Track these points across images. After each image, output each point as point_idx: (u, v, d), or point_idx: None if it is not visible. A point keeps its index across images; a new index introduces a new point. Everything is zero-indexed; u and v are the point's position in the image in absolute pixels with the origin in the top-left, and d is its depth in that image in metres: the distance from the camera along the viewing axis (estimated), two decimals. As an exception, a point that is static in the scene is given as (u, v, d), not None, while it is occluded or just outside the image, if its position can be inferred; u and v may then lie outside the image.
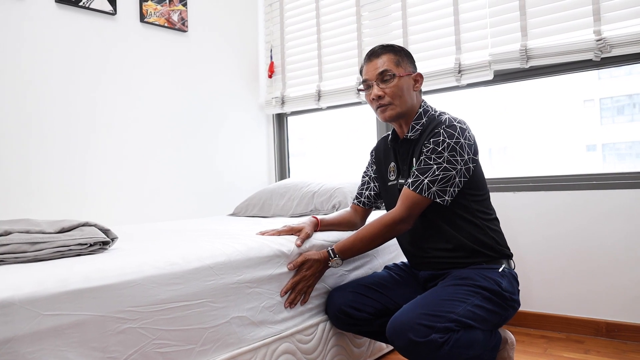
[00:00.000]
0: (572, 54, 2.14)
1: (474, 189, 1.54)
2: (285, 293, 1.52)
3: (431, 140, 1.50)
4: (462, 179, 1.50)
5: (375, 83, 1.57)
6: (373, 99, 1.58)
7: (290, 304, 1.53)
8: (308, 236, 1.64)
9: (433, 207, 1.53)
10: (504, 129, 2.86)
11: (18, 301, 0.94)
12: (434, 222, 1.55)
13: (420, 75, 1.62)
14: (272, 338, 1.47)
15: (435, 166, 1.47)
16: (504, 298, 1.44)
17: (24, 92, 2.18)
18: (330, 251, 1.56)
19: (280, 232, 1.64)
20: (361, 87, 1.64)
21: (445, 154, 1.46)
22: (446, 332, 1.29)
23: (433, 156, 1.48)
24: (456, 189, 1.49)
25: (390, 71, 1.55)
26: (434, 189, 1.46)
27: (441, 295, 1.39)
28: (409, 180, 1.51)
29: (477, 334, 1.36)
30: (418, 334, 1.27)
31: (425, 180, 1.47)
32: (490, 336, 1.43)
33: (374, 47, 1.62)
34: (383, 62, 1.56)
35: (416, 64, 2.56)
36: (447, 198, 1.48)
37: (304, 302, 1.57)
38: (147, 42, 2.66)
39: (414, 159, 1.56)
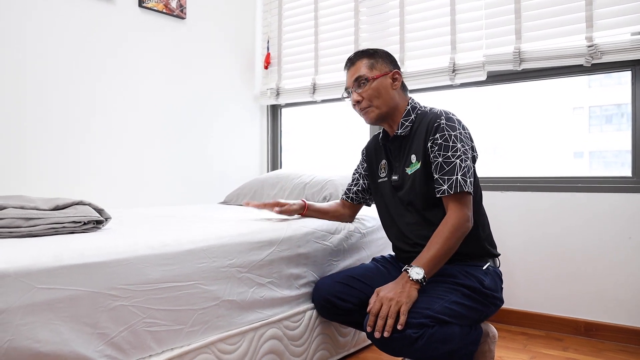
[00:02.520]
0: (563, 59, 2.19)
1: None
2: (372, 326, 1.35)
3: (437, 135, 1.51)
4: (474, 167, 1.56)
5: (353, 89, 1.63)
6: (354, 104, 1.64)
7: (377, 331, 1.32)
8: (290, 209, 1.74)
9: (426, 203, 1.56)
10: (495, 131, 2.90)
11: (13, 273, 0.96)
12: (425, 218, 1.57)
13: (398, 73, 1.63)
14: (260, 323, 1.50)
15: (457, 161, 1.48)
16: (484, 295, 1.48)
17: (22, 76, 2.17)
18: (421, 280, 1.39)
19: (265, 204, 1.73)
20: (345, 95, 1.69)
21: (458, 145, 1.50)
22: (420, 328, 1.32)
23: (450, 153, 1.49)
24: (472, 178, 1.52)
25: (363, 76, 1.60)
26: (468, 180, 1.48)
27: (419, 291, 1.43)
28: (443, 188, 1.48)
29: (453, 329, 1.39)
30: (392, 329, 1.31)
31: (459, 177, 1.47)
32: (469, 331, 1.46)
33: (350, 55, 1.68)
34: (357, 69, 1.62)
35: (411, 61, 2.63)
36: (472, 188, 1.51)
37: (401, 324, 1.30)
38: (145, 27, 2.66)
39: (414, 155, 1.58)
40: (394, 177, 1.65)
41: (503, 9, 2.36)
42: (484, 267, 1.53)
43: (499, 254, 1.64)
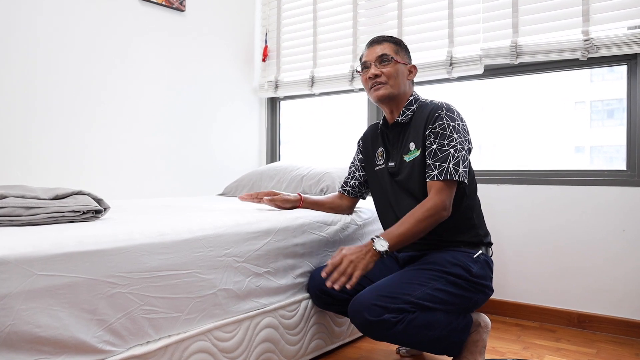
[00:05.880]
0: (560, 53, 2.20)
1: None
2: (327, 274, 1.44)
3: (436, 124, 1.56)
4: (469, 159, 1.59)
5: (373, 64, 1.65)
6: (369, 77, 1.65)
7: (330, 280, 1.41)
8: (284, 198, 1.81)
9: (421, 189, 1.59)
10: (494, 126, 2.91)
11: (14, 260, 0.98)
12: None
13: (415, 67, 1.71)
14: (256, 312, 1.53)
15: (452, 150, 1.53)
16: (471, 282, 1.51)
17: (28, 68, 2.19)
18: (383, 252, 1.44)
19: (259, 194, 1.78)
20: (359, 68, 1.72)
21: (455, 136, 1.54)
22: (400, 313, 1.37)
23: (445, 142, 1.54)
24: (467, 168, 1.57)
25: (389, 55, 1.64)
26: (460, 170, 1.52)
27: (402, 278, 1.47)
28: (434, 173, 1.52)
29: (437, 316, 1.43)
30: (372, 313, 1.36)
31: (450, 166, 1.51)
32: (457, 318, 1.49)
33: (376, 36, 1.72)
34: (383, 48, 1.66)
35: (410, 54, 2.64)
36: (467, 177, 1.55)
37: (350, 285, 1.38)
38: (145, 20, 2.67)
39: (412, 143, 1.62)
40: (391, 164, 1.69)
41: (500, 2, 2.37)
42: (475, 255, 1.56)
43: (492, 243, 1.67)
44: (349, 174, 1.92)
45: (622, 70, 2.22)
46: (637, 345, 2.02)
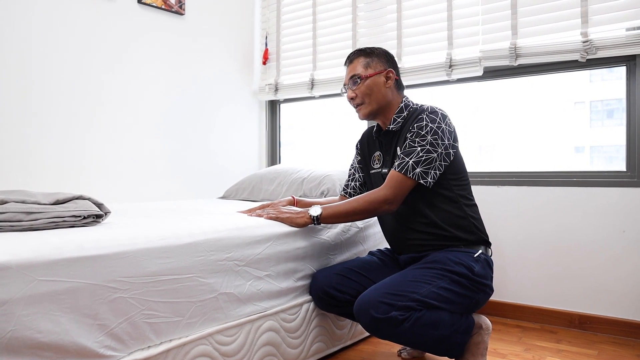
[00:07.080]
0: (559, 54, 2.20)
1: (456, 174, 1.62)
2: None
3: (415, 125, 1.59)
4: (443, 163, 1.58)
5: (348, 87, 1.70)
6: (349, 100, 1.72)
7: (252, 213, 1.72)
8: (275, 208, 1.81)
9: (416, 191, 1.60)
10: (494, 127, 2.92)
11: (15, 265, 0.98)
12: (417, 206, 1.62)
13: (392, 71, 1.69)
14: (257, 315, 1.53)
15: (418, 148, 1.55)
16: (473, 282, 1.52)
17: (26, 71, 2.19)
18: (314, 218, 1.63)
19: (250, 210, 1.78)
20: (343, 90, 1.76)
21: (429, 137, 1.55)
22: (407, 311, 1.37)
23: (417, 139, 1.56)
24: (437, 172, 1.57)
25: (358, 75, 1.67)
26: (418, 170, 1.53)
27: (407, 277, 1.48)
28: (396, 163, 1.58)
29: (442, 315, 1.44)
30: (379, 311, 1.36)
31: (410, 162, 1.54)
32: (460, 319, 1.50)
33: (350, 53, 1.75)
34: (354, 67, 1.70)
35: (408, 57, 2.65)
36: (429, 180, 1.55)
37: (267, 216, 1.66)
38: (144, 23, 2.67)
39: (398, 148, 1.63)
40: (384, 170, 1.71)
41: (499, 4, 2.37)
42: (476, 255, 1.57)
43: (490, 243, 1.68)
44: (349, 176, 1.93)
45: (621, 70, 2.22)
46: (638, 346, 2.02)
